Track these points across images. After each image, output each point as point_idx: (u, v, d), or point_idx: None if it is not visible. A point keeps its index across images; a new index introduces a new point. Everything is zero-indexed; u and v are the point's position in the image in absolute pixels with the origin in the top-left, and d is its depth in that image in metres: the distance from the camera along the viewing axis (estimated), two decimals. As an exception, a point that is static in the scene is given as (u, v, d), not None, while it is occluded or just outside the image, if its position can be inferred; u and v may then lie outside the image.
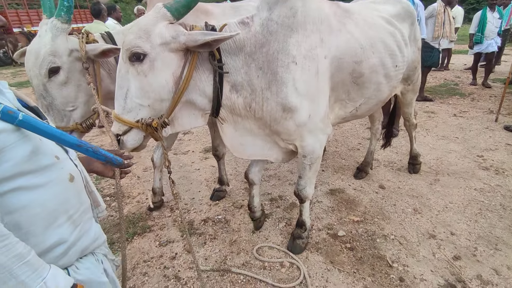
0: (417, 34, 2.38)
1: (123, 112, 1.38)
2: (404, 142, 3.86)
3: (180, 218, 1.36)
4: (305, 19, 1.58)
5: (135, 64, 1.33)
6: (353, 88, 1.86)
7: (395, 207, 2.62)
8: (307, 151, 1.80)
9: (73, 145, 0.86)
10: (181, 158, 3.71)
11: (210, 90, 1.50)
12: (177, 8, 1.33)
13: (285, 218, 2.52)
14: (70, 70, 1.68)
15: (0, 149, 0.71)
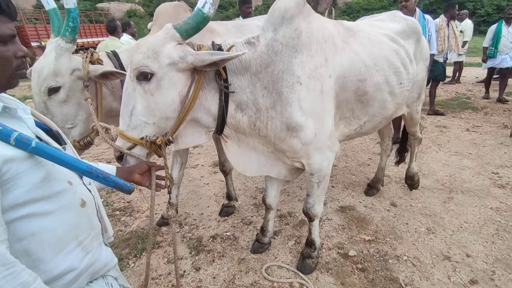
0: (424, 52, 2.35)
1: (127, 129, 1.39)
2: (416, 158, 3.80)
3: (173, 240, 1.36)
4: (309, 39, 1.60)
5: (142, 83, 1.35)
6: (358, 106, 1.86)
7: (408, 226, 2.55)
8: (314, 169, 1.79)
9: (84, 171, 0.87)
10: (191, 172, 3.72)
11: (216, 109, 1.52)
12: (186, 30, 1.36)
13: (295, 236, 2.48)
14: (71, 89, 1.72)
15: (12, 177, 0.72)
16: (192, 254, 2.32)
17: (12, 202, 0.73)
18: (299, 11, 1.60)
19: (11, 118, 0.80)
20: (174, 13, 2.05)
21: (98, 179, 0.90)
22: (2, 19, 0.75)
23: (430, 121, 5.22)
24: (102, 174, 0.90)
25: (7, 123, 0.76)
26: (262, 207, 2.89)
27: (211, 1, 1.31)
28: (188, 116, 1.46)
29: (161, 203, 3.05)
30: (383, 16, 2.35)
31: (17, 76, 0.82)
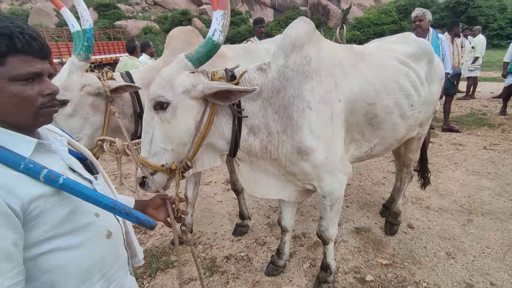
0: (439, 72, 2.33)
1: (148, 156, 1.45)
2: (433, 177, 3.72)
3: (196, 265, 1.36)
4: (319, 65, 1.64)
5: (159, 112, 1.41)
6: (368, 129, 1.87)
7: (426, 250, 2.48)
8: (326, 191, 1.79)
9: (108, 207, 0.87)
10: (204, 189, 3.75)
11: (229, 133, 1.57)
12: (198, 58, 1.41)
13: (310, 258, 2.45)
14: (79, 104, 1.79)
15: (38, 214, 0.73)
16: (207, 275, 2.31)
17: (38, 238, 0.74)
18: (309, 39, 1.66)
19: (45, 152, 0.83)
20: (186, 37, 2.13)
21: (121, 214, 0.90)
22: (25, 59, 0.74)
23: (445, 138, 5.13)
24: (125, 210, 0.90)
25: (42, 157, 0.80)
26: (275, 227, 2.87)
27: (220, 29, 1.36)
28: (205, 140, 1.50)
29: (175, 221, 3.07)
30: (394, 39, 2.37)
31: (44, 114, 0.81)
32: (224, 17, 1.36)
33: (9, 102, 0.74)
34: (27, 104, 0.76)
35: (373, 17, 29.73)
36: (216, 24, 1.36)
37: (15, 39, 0.72)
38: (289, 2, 39.98)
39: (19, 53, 0.73)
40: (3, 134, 0.75)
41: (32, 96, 0.76)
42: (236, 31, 29.28)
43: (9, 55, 0.72)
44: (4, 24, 0.72)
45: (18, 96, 0.74)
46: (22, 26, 0.75)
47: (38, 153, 0.80)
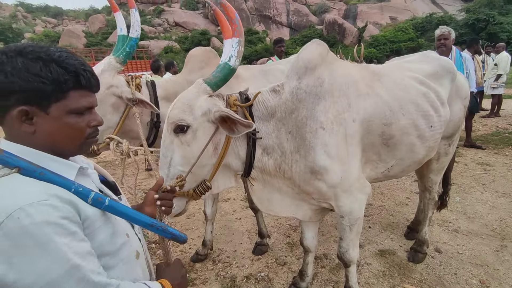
0: (462, 91, 2.26)
1: (166, 179, 1.45)
2: (459, 199, 3.58)
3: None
4: (332, 86, 1.65)
5: (179, 135, 1.44)
6: (384, 149, 1.84)
7: (457, 276, 2.35)
8: (344, 211, 1.76)
9: (147, 225, 0.90)
10: (223, 206, 3.76)
11: (244, 154, 1.59)
12: (215, 83, 1.47)
13: (332, 281, 2.37)
14: (102, 100, 1.83)
15: (89, 233, 0.76)
16: (227, 295, 2.28)
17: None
18: (322, 61, 1.68)
19: (82, 176, 0.86)
20: (205, 57, 2.21)
21: (158, 231, 0.93)
22: (82, 93, 0.79)
23: (470, 157, 4.95)
24: (161, 227, 0.93)
25: (81, 181, 0.83)
26: (296, 247, 2.82)
27: (236, 55, 1.43)
28: (223, 161, 1.53)
29: (195, 237, 3.08)
30: (414, 57, 2.34)
31: (88, 144, 0.86)
32: (239, 44, 1.44)
33: (63, 132, 0.79)
34: (78, 135, 0.81)
35: (389, 35, 29.77)
36: (232, 50, 1.44)
37: (80, 77, 0.78)
38: (305, 21, 40.84)
39: (80, 89, 0.79)
40: (52, 161, 0.79)
41: (83, 128, 0.82)
42: (253, 49, 30.01)
43: (72, 90, 0.77)
44: (71, 61, 0.77)
45: (72, 127, 0.79)
46: (83, 63, 0.80)
47: (78, 177, 0.84)
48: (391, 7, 39.35)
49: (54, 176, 0.75)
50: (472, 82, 3.79)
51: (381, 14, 39.09)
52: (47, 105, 0.75)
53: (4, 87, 0.71)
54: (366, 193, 1.79)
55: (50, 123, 0.76)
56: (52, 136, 0.78)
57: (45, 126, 0.76)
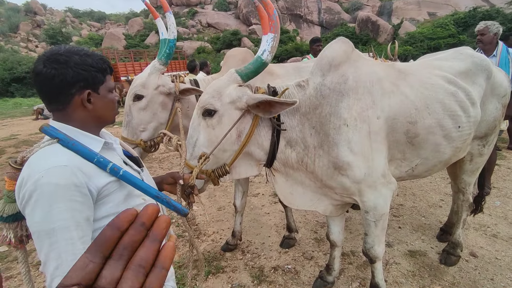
0: (498, 89, 2.15)
1: (190, 158, 1.59)
2: (500, 203, 3.39)
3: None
4: (356, 84, 1.66)
5: (206, 118, 1.56)
6: (409, 148, 1.82)
7: (493, 282, 2.26)
8: (369, 206, 1.78)
9: (153, 196, 1.02)
10: (252, 201, 3.88)
11: (268, 144, 1.65)
12: (246, 74, 1.56)
13: (359, 278, 2.39)
14: (151, 101, 2.04)
15: (106, 195, 0.95)
16: (255, 284, 2.39)
17: (104, 213, 0.96)
18: (347, 58, 1.71)
19: (108, 150, 1.07)
20: (242, 57, 2.32)
21: (163, 202, 1.05)
22: (109, 77, 1.07)
23: (515, 161, 4.63)
24: (166, 199, 1.04)
25: (105, 153, 1.02)
26: (323, 242, 2.86)
27: (269, 50, 1.51)
28: (245, 149, 1.62)
29: (225, 228, 3.23)
30: (447, 54, 2.27)
31: (116, 115, 1.13)
32: (274, 39, 1.52)
33: (108, 105, 1.06)
34: (114, 106, 1.09)
35: (427, 32, 28.14)
36: (266, 45, 1.52)
37: (108, 65, 1.06)
38: (336, 20, 39.91)
39: (109, 74, 1.07)
40: (83, 135, 0.99)
41: (115, 100, 1.10)
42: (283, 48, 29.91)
43: (107, 75, 1.05)
44: (101, 56, 1.05)
45: (112, 101, 1.08)
46: (103, 57, 1.08)
47: (104, 150, 1.04)
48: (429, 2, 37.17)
49: (83, 148, 0.93)
50: (517, 80, 3.54)
51: (418, 9, 37.08)
52: (98, 88, 1.02)
53: (72, 78, 0.95)
54: (391, 189, 1.79)
55: (100, 100, 1.03)
56: (102, 110, 1.04)
57: (99, 103, 1.03)
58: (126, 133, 2.07)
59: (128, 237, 0.32)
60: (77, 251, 0.87)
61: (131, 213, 0.33)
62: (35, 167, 0.87)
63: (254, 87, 1.64)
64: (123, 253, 0.31)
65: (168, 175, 1.34)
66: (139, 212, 0.33)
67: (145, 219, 0.33)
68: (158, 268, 0.31)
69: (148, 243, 0.32)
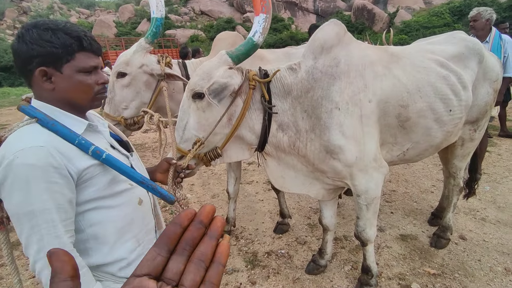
0: (490, 73, 2.14)
1: (180, 141, 1.58)
2: (489, 188, 3.45)
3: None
4: (348, 67, 1.65)
5: (196, 101, 1.53)
6: (400, 131, 1.82)
7: (481, 263, 2.32)
8: (360, 190, 1.79)
9: (138, 181, 1.02)
10: (246, 188, 3.89)
11: (259, 128, 1.64)
12: (237, 55, 1.53)
13: (351, 261, 2.43)
14: (135, 78, 2.01)
15: (89, 178, 0.93)
16: (248, 268, 2.41)
17: (87, 197, 0.94)
18: (339, 41, 1.68)
19: (93, 132, 1.03)
20: (231, 40, 2.27)
21: (148, 188, 1.05)
22: (87, 55, 0.95)
23: (505, 147, 4.70)
24: (151, 185, 1.04)
25: (90, 136, 0.98)
26: (316, 228, 2.89)
27: (260, 31, 1.48)
28: (236, 132, 1.60)
29: (219, 215, 3.23)
30: (440, 38, 2.26)
31: (98, 99, 1.01)
32: (266, 20, 1.48)
33: (75, 88, 0.95)
34: (88, 90, 0.97)
35: (422, 20, 28.03)
36: (258, 26, 1.49)
37: (83, 41, 0.93)
38: (332, 8, 39.43)
39: (84, 51, 0.94)
40: (64, 116, 0.95)
41: (91, 84, 0.97)
42: (278, 37, 29.56)
43: (77, 52, 0.93)
44: (75, 29, 0.93)
45: (82, 83, 0.95)
46: (85, 31, 0.97)
47: (88, 132, 0.99)
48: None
49: (63, 128, 0.90)
50: (509, 67, 3.57)
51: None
52: (60, 66, 0.91)
53: (26, 53, 0.88)
54: (382, 173, 1.80)
55: (65, 81, 0.93)
56: (67, 92, 0.94)
57: (62, 84, 0.93)
58: (108, 109, 2.05)
59: (189, 234, 0.35)
60: (59, 233, 0.85)
61: (190, 212, 0.36)
62: (10, 148, 0.84)
63: (245, 70, 1.60)
64: (185, 248, 0.34)
65: (164, 160, 1.32)
66: (198, 211, 0.37)
67: (203, 217, 0.36)
68: (216, 263, 0.34)
69: (207, 239, 0.35)
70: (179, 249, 0.34)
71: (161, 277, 0.33)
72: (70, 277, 0.31)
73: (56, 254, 0.32)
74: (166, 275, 0.32)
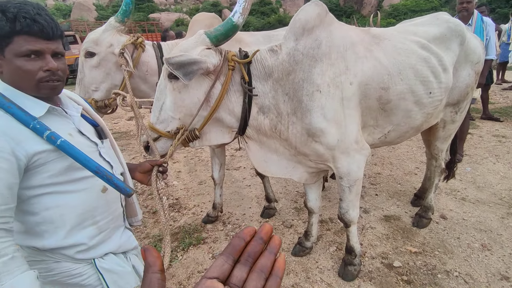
0: (472, 55, 2.13)
1: (156, 122, 1.54)
2: (470, 169, 3.55)
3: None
4: (329, 49, 1.63)
5: (172, 81, 1.49)
6: (381, 114, 1.83)
7: (459, 240, 2.41)
8: (342, 172, 1.80)
9: (92, 170, 0.98)
10: (233, 174, 3.88)
11: (239, 111, 1.60)
12: (215, 36, 1.47)
13: (336, 242, 2.48)
14: (104, 59, 1.94)
15: (42, 164, 0.91)
16: (235, 252, 2.43)
17: (41, 182, 0.93)
18: (320, 22, 1.64)
19: (59, 116, 1.00)
20: (208, 22, 2.19)
21: (103, 179, 1.01)
22: (26, 38, 0.87)
23: (486, 129, 4.83)
24: (106, 176, 1.00)
25: (53, 119, 0.96)
26: (302, 211, 2.92)
27: (240, 11, 1.43)
28: (214, 114, 1.56)
29: (206, 201, 3.23)
30: (423, 19, 2.24)
31: (45, 87, 0.94)
32: (246, 0, 1.42)
33: (15, 73, 0.90)
34: (29, 76, 0.91)
35: (410, 4, 28.02)
36: (238, 6, 1.44)
37: (17, 22, 0.85)
38: (320, -10, 38.72)
39: (23, 34, 0.87)
40: (26, 98, 0.92)
41: (32, 71, 0.90)
42: (266, 21, 29.04)
43: (15, 35, 0.86)
44: (12, 9, 0.85)
45: (21, 69, 0.89)
46: (28, 10, 0.87)
47: (51, 115, 0.97)
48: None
49: (18, 111, 0.87)
50: (491, 49, 3.60)
51: (403, -20, 36.51)
52: (2, 49, 0.87)
53: None
54: (364, 155, 1.81)
55: (6, 65, 0.89)
56: (10, 76, 0.91)
57: (5, 68, 0.90)
58: (78, 90, 1.98)
59: (251, 247, 0.41)
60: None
61: (252, 229, 0.43)
62: None
63: (224, 51, 1.55)
64: (248, 259, 0.40)
65: (147, 162, 1.26)
66: (258, 229, 0.43)
67: (263, 235, 0.42)
68: (274, 276, 0.39)
69: (267, 254, 0.41)
70: (243, 259, 0.40)
71: (227, 281, 0.38)
72: (160, 270, 0.39)
73: (149, 251, 0.41)
74: (231, 281, 0.38)
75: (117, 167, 1.15)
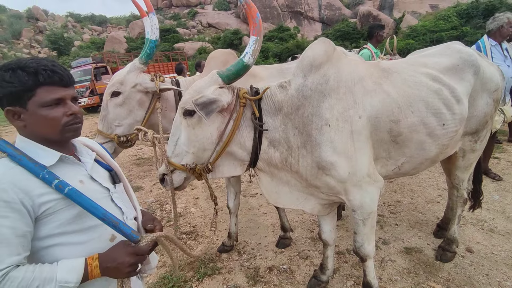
0: (489, 84, 2.09)
1: (171, 155, 1.66)
2: (498, 197, 3.36)
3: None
4: (338, 84, 1.68)
5: (186, 118, 1.61)
6: (393, 146, 1.82)
7: (489, 277, 2.25)
8: (355, 205, 1.78)
9: (99, 217, 0.98)
10: (250, 201, 3.90)
11: (250, 145, 1.68)
12: (227, 75, 1.60)
13: (354, 276, 2.39)
14: (128, 97, 2.11)
15: (51, 213, 0.93)
16: (250, 284, 2.41)
17: (49, 232, 0.94)
18: (328, 59, 1.71)
19: (70, 164, 1.03)
20: (224, 58, 2.34)
21: (110, 225, 1.00)
22: (48, 88, 0.95)
23: None
24: (113, 222, 0.99)
25: (64, 168, 0.99)
26: (319, 241, 2.86)
27: (251, 52, 1.55)
28: (226, 149, 1.65)
29: (222, 229, 3.25)
30: (434, 50, 2.25)
31: (70, 130, 1.00)
32: (256, 42, 1.55)
33: (41, 123, 0.96)
34: (54, 123, 0.97)
35: (429, 24, 27.82)
36: (249, 48, 1.56)
37: (39, 75, 0.94)
38: (337, 15, 39.65)
39: (44, 85, 0.94)
40: (37, 148, 0.97)
41: (57, 117, 0.97)
42: (284, 46, 29.83)
43: (37, 88, 0.94)
44: (31, 64, 0.94)
45: (47, 117, 0.96)
46: (46, 64, 0.96)
47: (63, 163, 1.00)
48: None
49: (28, 163, 0.92)
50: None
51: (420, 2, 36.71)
52: (24, 103, 0.94)
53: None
54: (377, 187, 1.80)
55: (31, 117, 0.95)
56: (35, 127, 0.96)
57: (29, 120, 0.96)
58: (101, 126, 2.14)
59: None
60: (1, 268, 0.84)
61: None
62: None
63: (237, 88, 1.66)
64: None
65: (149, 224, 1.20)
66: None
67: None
68: None
69: None
70: None
71: None
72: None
73: None
74: None
75: (129, 212, 1.15)
